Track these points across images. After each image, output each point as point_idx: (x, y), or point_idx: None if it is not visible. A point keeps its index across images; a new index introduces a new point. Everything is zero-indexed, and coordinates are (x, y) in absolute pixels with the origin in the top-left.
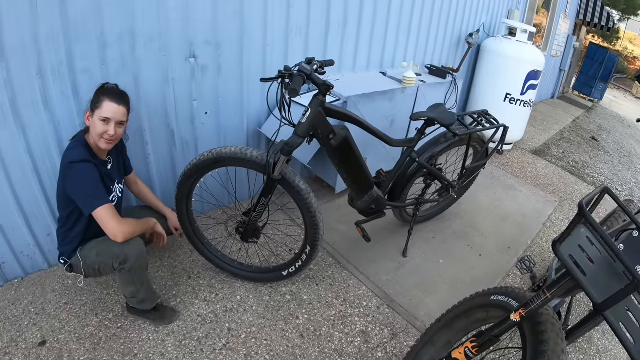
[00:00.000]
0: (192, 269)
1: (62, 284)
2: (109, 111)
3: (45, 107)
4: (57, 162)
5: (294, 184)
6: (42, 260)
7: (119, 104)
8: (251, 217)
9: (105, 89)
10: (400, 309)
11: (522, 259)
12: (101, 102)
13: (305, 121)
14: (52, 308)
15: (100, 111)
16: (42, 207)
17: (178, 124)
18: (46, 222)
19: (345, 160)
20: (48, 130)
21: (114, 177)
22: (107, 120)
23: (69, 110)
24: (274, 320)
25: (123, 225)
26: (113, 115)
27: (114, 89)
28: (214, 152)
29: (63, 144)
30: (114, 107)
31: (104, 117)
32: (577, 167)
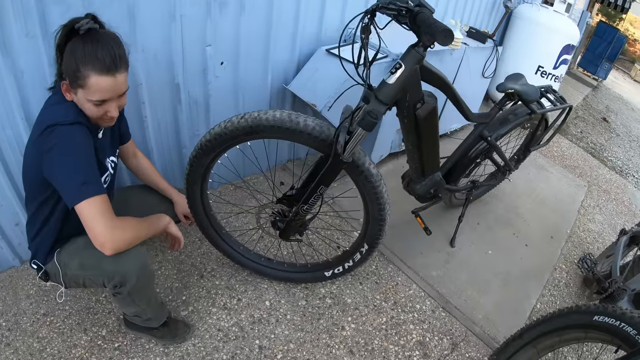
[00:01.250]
0: (204, 264)
1: (38, 287)
2: (103, 90)
3: (3, 52)
4: (22, 130)
5: (362, 168)
6: (11, 257)
7: (115, 72)
8: (300, 210)
9: (85, 46)
10: (457, 311)
11: (583, 258)
12: (84, 78)
13: (395, 82)
14: (28, 321)
15: (88, 92)
16: (5, 191)
17: (185, 77)
18: (12, 209)
19: (425, 136)
20: (7, 84)
21: (106, 149)
22: (103, 102)
23: (36, 55)
24: (315, 333)
25: (114, 230)
26: (110, 94)
27: (98, 43)
28: (248, 119)
29: (29, 104)
30: (107, 81)
31: (98, 100)
32: (596, 149)
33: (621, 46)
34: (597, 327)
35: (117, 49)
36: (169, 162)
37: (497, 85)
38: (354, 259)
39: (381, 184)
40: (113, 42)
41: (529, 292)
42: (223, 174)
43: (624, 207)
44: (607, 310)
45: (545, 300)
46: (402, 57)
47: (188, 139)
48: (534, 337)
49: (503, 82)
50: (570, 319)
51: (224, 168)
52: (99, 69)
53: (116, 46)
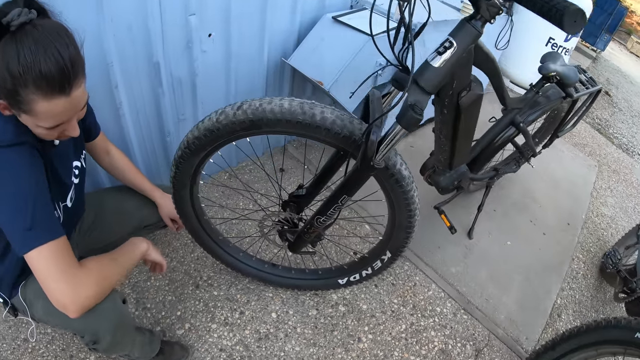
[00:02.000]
0: (199, 272)
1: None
2: (55, 115)
3: None
4: None
5: (393, 170)
6: None
7: (69, 89)
8: (316, 222)
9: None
10: (478, 313)
11: (607, 253)
12: (29, 104)
13: (443, 65)
14: (8, 348)
15: (35, 119)
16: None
17: (166, 53)
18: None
19: (463, 128)
20: None
21: (69, 155)
22: (57, 125)
23: None
24: (329, 348)
25: (77, 287)
26: (67, 116)
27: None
28: (247, 110)
29: None
30: (60, 104)
31: (50, 126)
32: (602, 125)
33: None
34: (639, 344)
35: (64, 49)
36: (152, 154)
37: (538, 68)
38: (373, 267)
39: (413, 188)
40: (58, 41)
41: (549, 286)
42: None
43: (633, 188)
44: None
45: (565, 295)
46: (454, 34)
47: (172, 125)
48: (568, 351)
49: (545, 63)
50: (609, 333)
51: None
52: (46, 91)
53: (63, 48)
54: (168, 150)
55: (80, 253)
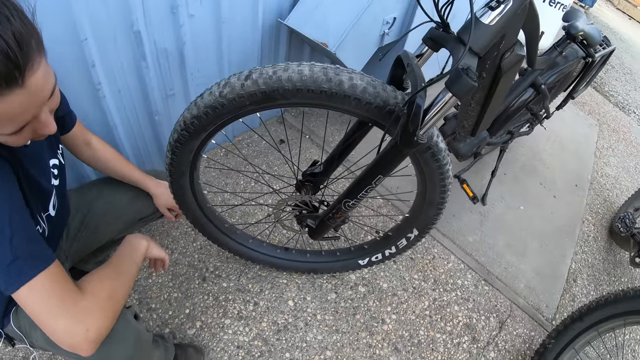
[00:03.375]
0: (203, 263)
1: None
2: (15, 115)
3: None
4: None
5: (431, 143)
6: None
7: (23, 78)
8: (344, 205)
9: None
10: (499, 283)
11: (622, 217)
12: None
13: (496, 23)
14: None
15: None
16: None
17: (148, 21)
18: None
19: (498, 92)
20: None
21: (43, 154)
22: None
23: None
24: (353, 333)
25: (86, 319)
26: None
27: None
28: (258, 80)
29: None
30: (16, 100)
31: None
32: (597, 83)
33: None
34: None
35: (5, 28)
36: (140, 138)
37: (566, 27)
38: (397, 246)
39: (448, 162)
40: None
41: (564, 251)
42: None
43: (633, 147)
44: None
45: (579, 259)
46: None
47: (160, 102)
48: (596, 321)
49: (572, 22)
50: (637, 303)
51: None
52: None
53: (2, 24)
54: (158, 131)
55: (72, 263)
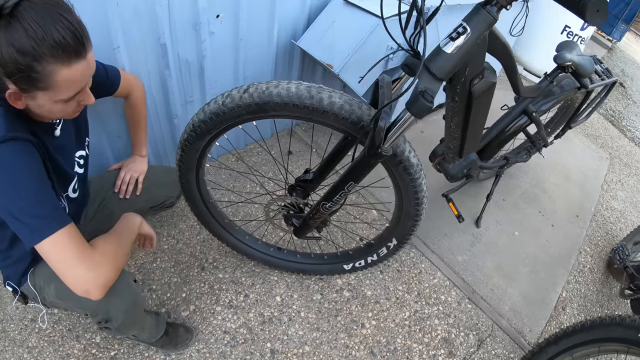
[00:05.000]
0: (204, 254)
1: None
2: (76, 81)
3: None
4: None
5: (402, 157)
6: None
7: (85, 52)
8: (322, 207)
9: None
10: (483, 303)
11: (615, 248)
12: (46, 78)
13: (456, 52)
14: (16, 329)
15: (55, 92)
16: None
17: (173, 35)
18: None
19: (475, 116)
20: None
21: (71, 146)
22: (75, 95)
23: None
24: (332, 332)
25: (98, 269)
26: (85, 82)
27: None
28: (253, 93)
29: None
30: (79, 68)
31: (70, 96)
32: (615, 117)
33: (639, 8)
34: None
35: (69, 15)
36: (159, 137)
37: (554, 57)
38: (378, 254)
39: (421, 176)
40: (59, 8)
41: (555, 279)
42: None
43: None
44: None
45: (571, 288)
46: (468, 19)
47: (180, 107)
48: (570, 346)
49: (560, 52)
50: (612, 331)
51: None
52: (65, 57)
53: (67, 13)
54: (175, 133)
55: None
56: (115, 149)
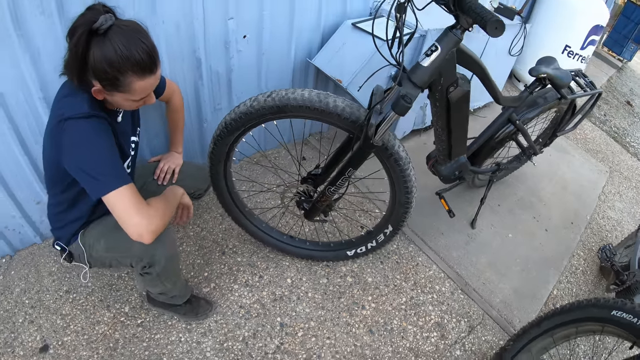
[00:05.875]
0: (225, 241)
1: (60, 263)
2: (147, 89)
3: (17, 30)
4: (40, 109)
5: (392, 151)
6: (32, 234)
7: (155, 68)
8: (327, 191)
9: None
10: (475, 294)
11: (602, 247)
12: (126, 85)
13: (429, 65)
14: (51, 298)
15: (130, 95)
16: (24, 170)
17: (207, 51)
18: (33, 188)
19: (455, 119)
20: (22, 63)
21: (128, 131)
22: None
23: (53, 33)
24: (335, 312)
25: (151, 219)
26: (152, 88)
27: (128, 43)
28: (275, 98)
29: (46, 82)
30: (150, 80)
31: (139, 98)
32: (618, 133)
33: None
34: (614, 322)
35: (147, 40)
36: (189, 137)
37: (529, 69)
38: (377, 240)
39: (410, 168)
40: (140, 34)
41: (547, 278)
42: (244, 148)
43: None
44: (626, 306)
45: (562, 287)
46: (439, 40)
47: (209, 113)
48: (551, 327)
49: (536, 66)
50: (588, 312)
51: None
52: (141, 72)
53: (145, 38)
54: (204, 136)
55: None
56: (151, 146)
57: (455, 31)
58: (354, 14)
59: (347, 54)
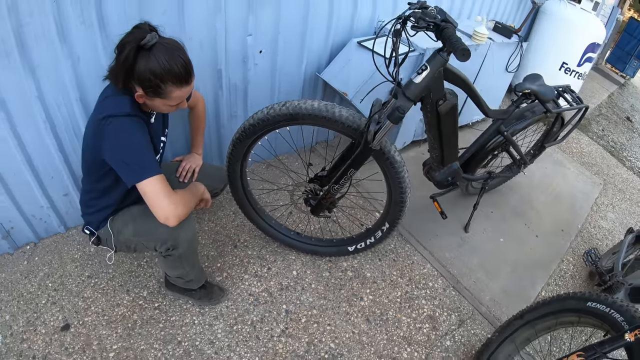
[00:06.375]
0: (237, 235)
1: (83, 251)
2: (183, 96)
3: (61, 39)
4: (76, 110)
5: (388, 155)
6: (57, 224)
7: (191, 80)
8: (331, 189)
9: (159, 62)
10: (466, 292)
11: (587, 251)
12: (166, 93)
13: (421, 82)
14: (73, 283)
15: (168, 100)
16: (57, 164)
17: (227, 64)
18: (62, 181)
19: (445, 129)
20: (64, 69)
21: (158, 132)
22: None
23: (92, 43)
24: (336, 302)
25: (178, 205)
26: (184, 98)
27: (169, 58)
28: (289, 107)
29: (84, 87)
30: (186, 89)
31: (175, 104)
32: (616, 148)
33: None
34: (589, 312)
35: (185, 56)
36: (207, 141)
37: (515, 85)
38: (375, 236)
39: (404, 170)
40: (179, 51)
41: (535, 280)
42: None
43: (637, 207)
44: (600, 297)
45: (550, 289)
46: (428, 60)
47: (226, 120)
48: (533, 318)
49: (521, 82)
50: (566, 303)
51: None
52: (179, 83)
53: (183, 54)
54: (221, 139)
55: None
56: (174, 148)
57: (442, 53)
58: (359, 32)
59: (352, 69)
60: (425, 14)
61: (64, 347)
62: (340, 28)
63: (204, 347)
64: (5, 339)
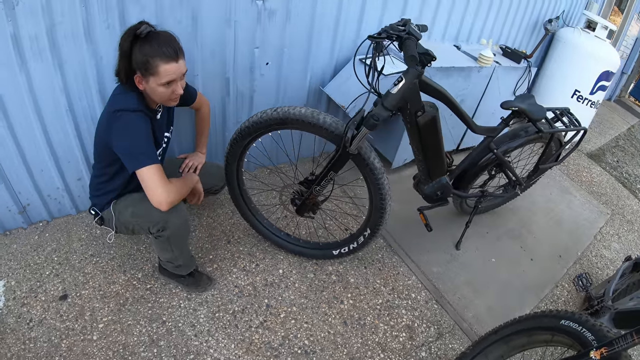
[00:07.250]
0: (232, 232)
1: (90, 233)
2: (169, 73)
3: (87, 39)
4: (95, 103)
5: (368, 161)
6: (70, 205)
7: (177, 59)
8: (313, 190)
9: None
10: (449, 306)
11: (579, 275)
12: (154, 68)
13: (397, 93)
14: (77, 259)
15: (158, 78)
16: (74, 150)
17: (235, 73)
18: (78, 167)
19: (427, 141)
20: (88, 66)
21: (162, 128)
22: (171, 82)
23: (114, 44)
24: (316, 302)
25: (170, 193)
26: (176, 75)
27: (159, 41)
28: (279, 111)
29: (104, 82)
30: (172, 66)
31: (166, 82)
32: (629, 179)
33: None
34: (562, 330)
35: (174, 42)
36: (213, 143)
37: (501, 103)
38: (358, 242)
39: (384, 177)
40: (170, 38)
41: (524, 302)
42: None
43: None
44: (574, 316)
45: None
46: (404, 73)
47: (231, 124)
48: (506, 335)
49: (510, 100)
50: (539, 321)
51: (262, 155)
52: (166, 59)
53: (173, 40)
54: (225, 143)
55: None
56: (181, 147)
57: (416, 67)
58: (363, 49)
59: (352, 84)
60: (392, 28)
61: (59, 314)
62: (345, 45)
63: (185, 328)
64: (8, 301)
